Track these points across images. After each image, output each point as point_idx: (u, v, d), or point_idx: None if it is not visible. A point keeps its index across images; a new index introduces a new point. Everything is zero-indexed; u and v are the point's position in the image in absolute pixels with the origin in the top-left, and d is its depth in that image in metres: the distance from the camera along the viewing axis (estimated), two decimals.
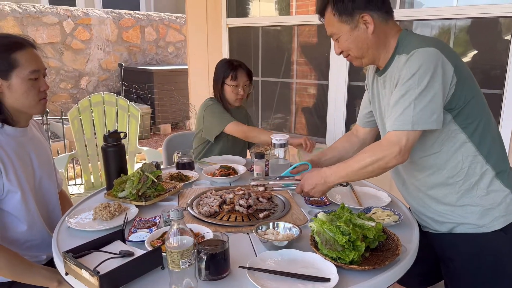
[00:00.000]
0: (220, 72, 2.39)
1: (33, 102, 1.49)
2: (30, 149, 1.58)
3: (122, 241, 1.30)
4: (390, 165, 1.28)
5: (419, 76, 1.22)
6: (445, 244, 1.43)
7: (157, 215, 1.52)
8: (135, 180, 1.66)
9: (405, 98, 1.24)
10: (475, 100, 1.32)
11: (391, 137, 1.27)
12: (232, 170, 1.99)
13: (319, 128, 3.28)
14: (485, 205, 1.33)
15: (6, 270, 1.40)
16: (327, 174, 1.41)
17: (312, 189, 1.45)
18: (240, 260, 1.20)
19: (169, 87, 6.61)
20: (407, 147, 1.25)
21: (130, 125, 3.48)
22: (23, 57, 1.44)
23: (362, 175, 1.35)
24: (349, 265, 1.17)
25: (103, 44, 7.15)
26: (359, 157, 1.33)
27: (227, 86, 2.37)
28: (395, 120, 1.26)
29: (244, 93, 2.40)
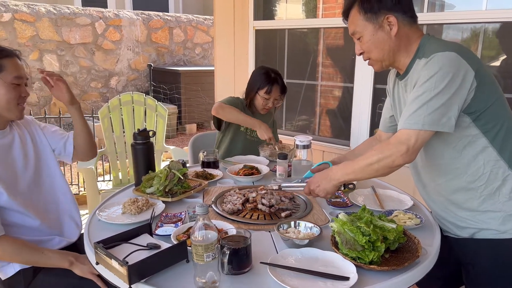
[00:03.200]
0: (256, 81, 2.44)
1: (12, 105, 1.56)
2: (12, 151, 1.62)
3: (149, 235, 1.37)
4: (396, 163, 1.28)
5: (436, 79, 1.23)
6: (466, 249, 1.43)
7: (183, 211, 1.58)
8: (163, 177, 1.72)
9: (420, 98, 1.25)
10: (497, 104, 1.31)
11: (400, 135, 1.28)
12: (255, 169, 2.04)
13: (344, 131, 3.28)
14: (508, 211, 1.32)
15: (17, 256, 1.49)
16: (333, 171, 1.42)
17: (317, 187, 1.46)
18: (261, 257, 1.24)
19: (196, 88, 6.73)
20: (415, 147, 1.25)
21: (158, 124, 3.58)
22: (9, 63, 1.54)
23: (368, 173, 1.35)
24: (368, 265, 1.19)
25: (133, 45, 7.33)
26: (366, 155, 1.34)
27: (259, 96, 2.43)
28: (407, 119, 1.27)
29: (273, 106, 2.47)
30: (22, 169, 1.64)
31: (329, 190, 1.44)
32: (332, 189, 1.44)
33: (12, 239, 1.49)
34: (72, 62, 6.67)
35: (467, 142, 1.32)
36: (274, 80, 2.40)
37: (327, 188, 1.43)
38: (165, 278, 1.16)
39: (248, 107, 2.50)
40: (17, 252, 1.48)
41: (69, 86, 1.72)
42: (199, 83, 6.83)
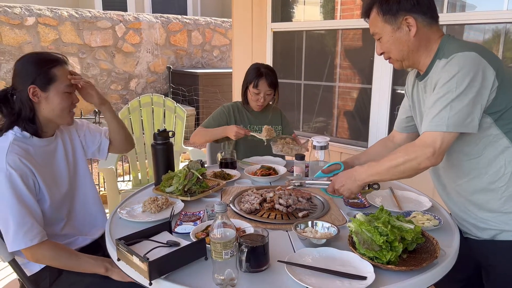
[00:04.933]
0: (246, 76, 2.46)
1: (65, 112, 1.62)
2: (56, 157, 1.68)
3: (169, 232, 1.39)
4: (422, 166, 1.28)
5: (457, 79, 1.23)
6: (487, 251, 1.41)
7: (202, 209, 1.61)
8: (182, 177, 1.75)
9: (442, 100, 1.25)
10: None
11: (425, 138, 1.28)
12: (272, 170, 2.05)
13: (361, 132, 3.27)
14: None
15: (55, 261, 1.52)
16: (358, 171, 1.43)
17: (341, 187, 1.47)
18: (279, 255, 1.25)
19: (214, 90, 6.78)
20: (441, 149, 1.25)
21: (176, 126, 3.62)
22: (60, 72, 1.58)
23: (393, 175, 1.35)
24: (386, 265, 1.19)
25: (152, 48, 7.44)
26: (392, 156, 1.34)
27: (249, 92, 2.45)
28: (431, 121, 1.27)
29: (265, 101, 2.45)
30: (62, 176, 1.69)
31: (353, 190, 1.46)
32: (357, 189, 1.45)
33: (53, 244, 1.52)
34: (93, 64, 6.81)
35: (488, 142, 1.31)
36: (261, 74, 2.38)
37: (352, 188, 1.45)
38: (184, 275, 1.18)
39: (245, 105, 2.53)
40: (56, 257, 1.51)
41: (96, 89, 1.77)
42: (216, 85, 6.88)
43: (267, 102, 2.48)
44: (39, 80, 1.53)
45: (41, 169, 1.56)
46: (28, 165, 1.50)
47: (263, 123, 2.52)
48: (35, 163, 1.54)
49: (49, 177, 1.60)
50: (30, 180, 1.50)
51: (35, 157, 1.56)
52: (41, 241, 1.47)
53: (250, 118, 2.53)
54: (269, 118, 2.56)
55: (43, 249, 1.48)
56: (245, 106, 2.54)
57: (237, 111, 2.53)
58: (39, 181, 1.54)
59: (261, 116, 2.55)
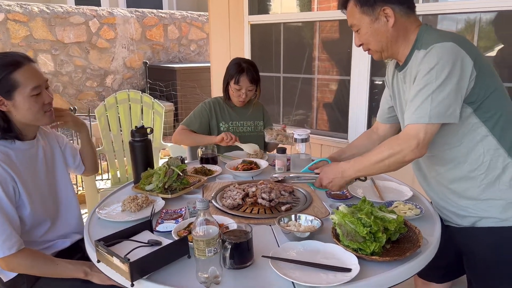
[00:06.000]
0: (227, 72, 2.43)
1: (39, 115, 1.53)
2: (38, 161, 1.63)
3: (150, 231, 1.36)
4: (407, 158, 1.29)
5: (437, 70, 1.23)
6: (468, 238, 1.43)
7: (183, 207, 1.58)
8: (162, 174, 1.72)
9: (423, 91, 1.25)
10: (496, 93, 1.31)
11: (409, 130, 1.28)
12: (254, 164, 2.03)
13: (341, 124, 3.28)
14: (508, 199, 1.32)
15: (32, 269, 1.47)
16: (345, 167, 1.43)
17: (329, 183, 1.48)
18: (263, 250, 1.23)
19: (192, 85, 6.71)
20: (425, 140, 1.26)
21: (155, 122, 3.56)
22: (22, 76, 1.46)
23: (379, 169, 1.36)
24: (370, 256, 1.19)
25: (127, 43, 7.29)
26: (377, 151, 1.35)
27: (230, 88, 2.42)
28: (413, 114, 1.27)
29: (247, 97, 2.43)
30: (43, 181, 1.64)
31: (342, 186, 1.48)
32: (345, 184, 1.48)
33: (30, 252, 1.47)
34: (67, 61, 6.64)
35: (467, 131, 1.32)
36: (242, 70, 2.35)
37: (340, 184, 1.47)
38: (167, 274, 1.16)
39: (226, 100, 2.50)
40: (32, 265, 1.46)
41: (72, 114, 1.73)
42: (195, 79, 6.80)
43: (249, 97, 2.46)
44: (0, 89, 1.44)
45: (22, 174, 1.51)
46: (9, 171, 1.45)
47: (245, 119, 2.50)
48: (16, 169, 1.49)
49: (30, 182, 1.55)
50: (10, 187, 1.45)
51: (17, 162, 1.51)
52: (19, 249, 1.42)
53: (231, 114, 2.50)
54: (250, 113, 2.54)
55: (20, 258, 1.43)
56: (227, 101, 2.51)
57: (218, 107, 2.50)
58: (19, 188, 1.48)
59: (243, 111, 2.52)
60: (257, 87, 2.45)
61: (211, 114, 2.47)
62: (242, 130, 2.50)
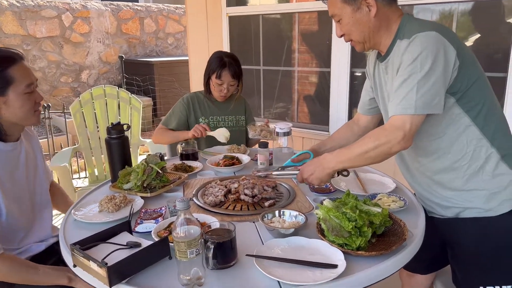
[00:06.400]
0: (208, 66, 2.37)
1: (29, 114, 1.49)
2: (19, 164, 1.57)
3: (129, 232, 1.31)
4: (393, 150, 1.27)
5: (421, 60, 1.21)
6: (452, 229, 1.43)
7: (163, 206, 1.53)
8: (140, 172, 1.66)
9: (407, 82, 1.23)
10: (478, 83, 1.31)
11: (394, 121, 1.26)
12: (236, 159, 1.99)
13: (322, 116, 3.27)
14: (492, 189, 1.32)
15: (11, 276, 1.41)
16: (327, 159, 1.39)
17: (310, 175, 1.43)
18: (247, 249, 1.20)
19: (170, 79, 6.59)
20: (411, 132, 1.24)
21: (132, 117, 3.48)
22: (17, 72, 1.44)
23: (363, 161, 1.33)
24: (356, 251, 1.17)
25: (103, 37, 7.12)
26: (361, 142, 1.32)
27: (211, 82, 2.36)
28: (398, 105, 1.25)
29: (229, 92, 2.37)
30: (22, 186, 1.57)
31: (323, 179, 1.41)
32: (326, 177, 1.41)
33: (9, 258, 1.40)
34: (40, 56, 6.43)
35: (450, 121, 1.31)
36: (224, 64, 2.29)
37: (321, 176, 1.41)
38: (147, 277, 1.11)
39: (207, 95, 2.44)
40: (12, 272, 1.39)
41: None
42: (173, 73, 6.70)
43: (230, 92, 2.41)
44: None
45: (1, 177, 1.45)
46: None
47: (227, 114, 2.45)
48: None
49: (9, 186, 1.48)
50: None
51: None
52: None
53: (212, 109, 2.45)
54: (232, 108, 2.49)
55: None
56: (208, 96, 2.45)
57: (197, 102, 2.44)
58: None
59: (225, 106, 2.47)
60: (239, 82, 2.40)
61: (189, 110, 2.41)
62: (224, 125, 2.45)
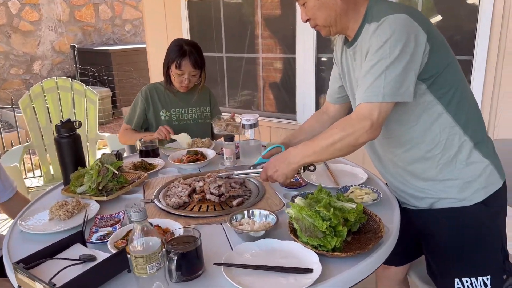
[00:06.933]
0: (168, 55, 2.22)
1: None
2: None
3: (82, 244, 1.18)
4: (361, 141, 1.18)
5: (390, 45, 1.13)
6: (426, 220, 1.39)
7: (121, 210, 1.40)
8: (94, 173, 1.52)
9: (376, 68, 1.15)
10: (450, 68, 1.25)
11: (361, 110, 1.17)
12: (200, 155, 1.87)
13: (288, 104, 3.18)
14: (465, 178, 1.28)
15: None
16: (292, 153, 1.30)
17: (275, 173, 1.33)
18: (214, 255, 1.10)
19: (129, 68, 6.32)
20: (379, 120, 1.16)
21: (89, 111, 3.27)
22: None
23: (330, 154, 1.24)
24: (331, 253, 1.09)
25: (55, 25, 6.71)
26: (327, 134, 1.23)
27: (171, 72, 2.21)
28: (365, 92, 1.17)
29: (190, 82, 2.23)
30: None
31: (288, 175, 1.31)
32: (292, 173, 1.31)
33: None
34: None
35: (422, 110, 1.25)
36: (184, 53, 2.15)
37: (286, 172, 1.31)
38: None
39: (168, 86, 2.30)
40: None
41: None
42: (132, 62, 6.41)
43: (193, 83, 2.26)
44: None
45: None
46: None
47: (190, 105, 2.32)
48: None
49: None
50: None
51: None
52: None
53: (174, 101, 2.30)
54: (196, 99, 2.35)
55: None
56: (168, 87, 2.30)
57: (156, 94, 2.29)
58: None
59: (187, 97, 2.33)
60: (201, 72, 2.27)
61: (148, 104, 2.26)
62: (187, 118, 2.32)
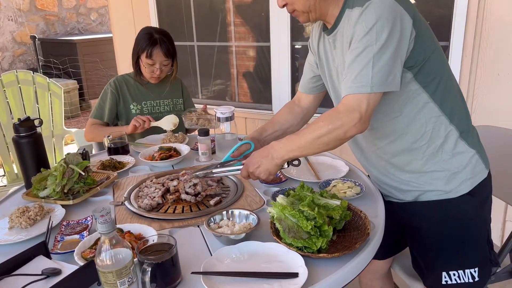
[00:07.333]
0: (137, 44, 2.09)
1: None
2: None
3: (45, 256, 1.07)
4: (349, 134, 1.11)
5: (376, 31, 1.06)
6: (411, 213, 1.34)
7: (89, 215, 1.29)
8: (58, 175, 1.40)
9: (362, 56, 1.08)
10: (435, 55, 1.19)
11: (349, 102, 1.10)
12: (173, 151, 1.77)
13: (264, 94, 3.10)
14: (452, 169, 1.24)
15: None
16: (275, 148, 1.21)
17: (257, 168, 1.24)
18: (192, 262, 1.03)
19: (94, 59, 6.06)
20: (367, 112, 1.09)
21: (53, 105, 3.09)
22: None
23: (316, 148, 1.16)
24: (317, 254, 1.03)
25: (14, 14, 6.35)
26: (313, 127, 1.15)
27: (141, 62, 2.09)
28: (352, 82, 1.09)
29: (162, 73, 2.12)
30: None
31: (272, 171, 1.23)
32: (275, 169, 1.23)
33: None
34: None
35: (407, 99, 1.19)
36: (155, 41, 2.04)
37: (269, 168, 1.22)
38: None
39: (138, 77, 2.18)
40: None
41: None
42: (98, 52, 6.16)
43: (164, 73, 2.15)
44: None
45: None
46: None
47: (162, 97, 2.20)
48: None
49: None
50: None
51: None
52: None
53: (145, 93, 2.18)
54: (167, 90, 2.23)
55: None
56: (138, 78, 2.17)
57: (125, 86, 2.16)
58: None
59: (158, 89, 2.21)
60: (173, 61, 2.15)
61: (118, 96, 2.13)
62: (159, 111, 2.21)
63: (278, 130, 1.51)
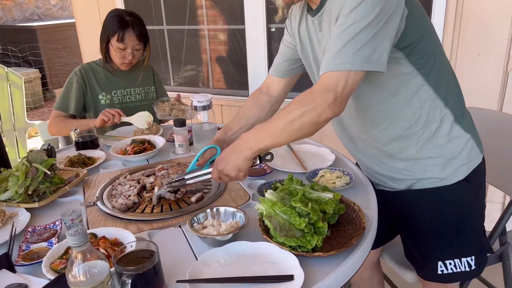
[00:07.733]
0: (106, 27, 1.94)
1: None
2: None
3: (9, 270, 0.95)
4: (323, 117, 0.99)
5: (366, 5, 0.96)
6: (404, 202, 1.29)
7: (57, 219, 1.17)
8: (21, 175, 1.26)
9: (346, 32, 0.98)
10: (429, 35, 1.12)
11: (325, 80, 0.99)
12: (147, 143, 1.65)
13: (240, 79, 2.99)
14: (447, 155, 1.18)
15: None
16: (243, 139, 1.10)
17: (225, 165, 1.11)
18: (176, 267, 0.94)
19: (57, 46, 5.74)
20: (344, 93, 0.98)
21: (14, 96, 2.89)
22: None
23: (289, 134, 1.04)
24: (312, 253, 0.95)
25: None
26: (285, 111, 1.03)
27: (111, 47, 1.94)
28: (332, 58, 0.99)
29: (134, 58, 1.98)
30: None
31: (241, 166, 1.10)
32: (245, 163, 1.10)
33: None
34: None
35: (400, 82, 1.12)
36: (126, 24, 1.89)
37: (238, 163, 1.09)
38: None
39: (107, 64, 2.03)
40: None
41: None
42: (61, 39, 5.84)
43: (136, 59, 2.00)
44: None
45: None
46: None
47: (133, 85, 2.06)
48: None
49: None
50: None
51: None
52: None
53: (114, 81, 2.03)
54: (139, 78, 2.09)
55: None
56: (107, 65, 2.02)
57: (92, 74, 2.00)
58: None
59: (129, 77, 2.07)
60: (145, 46, 2.01)
61: (85, 86, 1.98)
62: (130, 100, 2.06)
63: (245, 126, 1.38)
